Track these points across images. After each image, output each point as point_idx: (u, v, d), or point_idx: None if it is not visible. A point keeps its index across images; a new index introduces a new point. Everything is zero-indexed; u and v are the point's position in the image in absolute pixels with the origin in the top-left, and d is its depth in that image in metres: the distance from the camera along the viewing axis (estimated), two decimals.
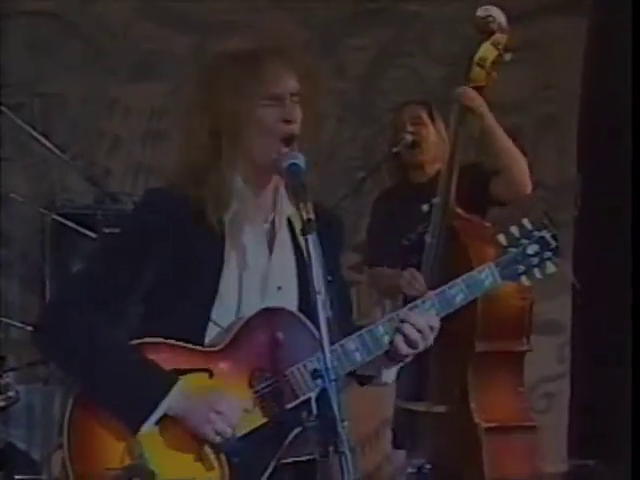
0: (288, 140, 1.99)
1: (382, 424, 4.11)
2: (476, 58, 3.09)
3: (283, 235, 2.06)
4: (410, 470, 3.10)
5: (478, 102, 3.13)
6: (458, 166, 3.14)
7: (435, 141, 3.39)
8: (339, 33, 4.90)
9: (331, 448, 1.80)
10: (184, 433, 1.92)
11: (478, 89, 3.12)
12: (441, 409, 3.08)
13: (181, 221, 1.96)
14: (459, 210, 3.18)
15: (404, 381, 3.29)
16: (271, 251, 2.05)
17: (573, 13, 4.97)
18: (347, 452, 1.79)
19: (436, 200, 3.15)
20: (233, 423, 1.92)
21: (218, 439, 1.92)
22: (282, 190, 2.06)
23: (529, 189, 3.23)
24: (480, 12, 3.11)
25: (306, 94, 2.00)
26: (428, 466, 3.05)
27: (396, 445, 3.36)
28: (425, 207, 3.20)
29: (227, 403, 1.92)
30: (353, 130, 4.91)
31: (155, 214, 1.97)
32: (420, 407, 3.12)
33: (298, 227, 1.97)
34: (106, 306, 1.95)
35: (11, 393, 3.34)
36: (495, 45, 3.08)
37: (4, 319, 3.61)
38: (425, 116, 3.42)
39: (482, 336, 3.06)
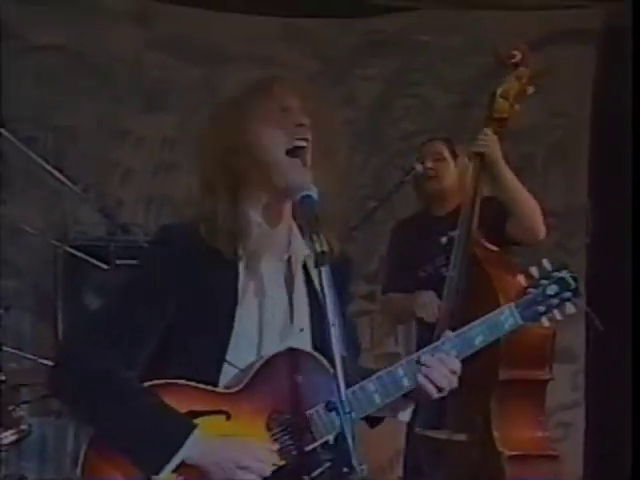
0: (296, 148, 1.97)
1: (396, 455, 4.08)
2: (500, 91, 3.17)
3: (299, 276, 2.04)
4: None
5: (491, 148, 3.17)
6: (479, 201, 3.18)
7: (454, 177, 3.43)
8: (348, 63, 4.93)
9: None
10: (202, 479, 1.89)
11: (502, 120, 3.18)
12: (462, 437, 3.07)
13: (196, 258, 1.95)
14: (483, 241, 3.20)
15: (423, 408, 3.28)
16: (291, 291, 2.03)
17: (582, 41, 4.99)
18: None
19: (457, 232, 3.17)
20: (262, 473, 1.89)
21: None
22: (295, 230, 2.05)
23: (542, 235, 3.26)
24: (503, 46, 3.19)
25: (318, 127, 2.00)
26: None
27: (405, 476, 3.33)
28: (444, 239, 3.24)
29: (252, 455, 1.89)
30: (364, 159, 4.92)
31: (170, 252, 1.96)
32: (441, 435, 3.11)
33: (311, 260, 1.96)
34: (122, 347, 1.93)
35: (24, 426, 3.33)
36: (518, 79, 3.16)
37: (16, 351, 3.60)
38: (446, 152, 3.48)
39: (506, 364, 3.05)
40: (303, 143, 1.98)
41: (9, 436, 3.29)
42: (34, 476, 4.02)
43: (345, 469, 1.78)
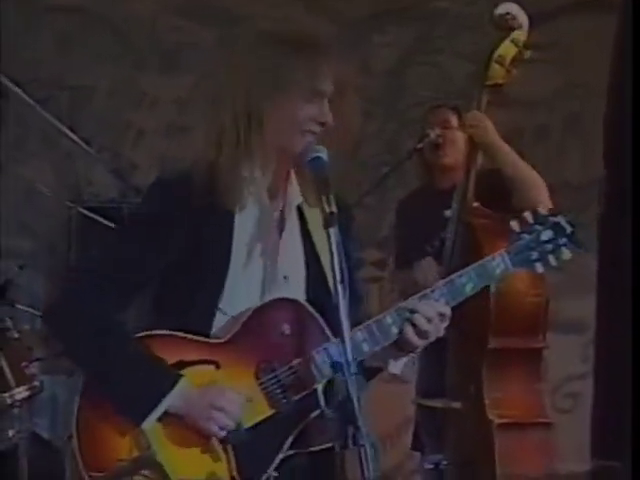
0: (312, 138, 1.98)
1: (403, 422, 4.10)
2: (495, 56, 3.06)
3: (291, 224, 2.05)
4: (427, 466, 3.10)
5: (480, 131, 3.09)
6: (476, 172, 3.12)
7: (462, 147, 3.35)
8: (365, 30, 4.89)
9: (350, 441, 1.80)
10: (187, 428, 1.93)
11: (496, 87, 3.10)
12: (457, 405, 3.07)
13: (191, 208, 1.96)
14: (476, 204, 3.15)
15: (423, 378, 3.30)
16: (279, 240, 2.04)
17: (600, 10, 4.93)
18: (367, 445, 1.79)
19: (453, 205, 3.13)
20: (236, 417, 1.92)
21: (223, 433, 1.92)
22: (293, 180, 2.06)
23: (549, 206, 3.19)
24: (499, 9, 3.07)
25: (341, 100, 2.00)
26: (445, 462, 3.05)
27: (414, 446, 3.35)
28: (448, 213, 3.19)
29: (227, 398, 1.92)
30: (378, 125, 4.90)
31: (164, 202, 1.97)
32: (437, 403, 3.12)
33: (313, 219, 1.97)
34: (116, 294, 1.96)
35: (36, 383, 3.37)
36: (514, 42, 3.06)
37: (30, 310, 3.63)
38: (454, 120, 3.39)
39: (496, 332, 3.04)
40: (320, 130, 1.98)
41: (22, 392, 3.33)
42: (45, 433, 4.07)
43: (351, 429, 1.79)
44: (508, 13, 3.05)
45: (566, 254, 2.08)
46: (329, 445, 1.93)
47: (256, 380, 1.96)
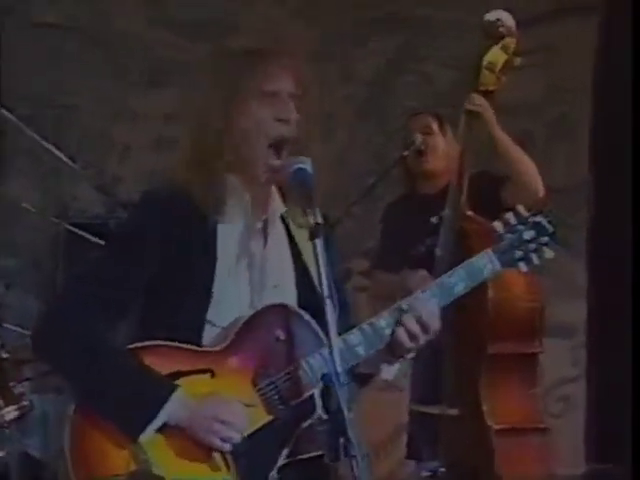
0: (280, 142, 1.98)
1: (397, 430, 4.09)
2: (485, 62, 3.09)
3: (277, 233, 2.06)
4: (424, 473, 3.09)
5: (484, 108, 3.12)
6: (468, 177, 3.13)
7: (444, 152, 3.37)
8: (349, 39, 4.90)
9: (342, 452, 1.79)
10: (189, 440, 1.91)
11: (487, 93, 3.12)
12: (454, 412, 3.07)
13: (176, 221, 1.96)
14: (470, 213, 3.17)
15: (419, 384, 3.30)
16: (264, 249, 2.04)
17: (584, 16, 4.95)
18: (358, 456, 1.78)
19: (446, 212, 3.14)
20: (241, 429, 1.92)
21: (227, 447, 1.91)
22: (274, 191, 2.06)
23: (541, 193, 3.21)
24: (489, 16, 3.09)
25: (305, 95, 2.00)
26: (442, 469, 3.04)
27: (409, 455, 3.34)
28: (434, 219, 3.20)
29: (230, 410, 1.91)
30: (364, 135, 4.90)
31: (151, 215, 1.97)
32: (434, 410, 3.11)
33: (299, 231, 1.98)
34: (104, 308, 1.95)
35: (25, 402, 3.35)
36: (504, 49, 3.08)
37: (18, 328, 3.61)
38: (435, 126, 3.41)
39: (494, 338, 3.04)
40: (283, 139, 1.97)
41: (11, 412, 3.31)
42: (36, 452, 4.04)
43: (342, 440, 1.79)
44: (498, 19, 3.08)
45: (548, 253, 2.11)
46: (319, 453, 1.93)
47: (253, 387, 1.96)
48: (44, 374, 3.56)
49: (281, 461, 1.94)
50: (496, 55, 3.08)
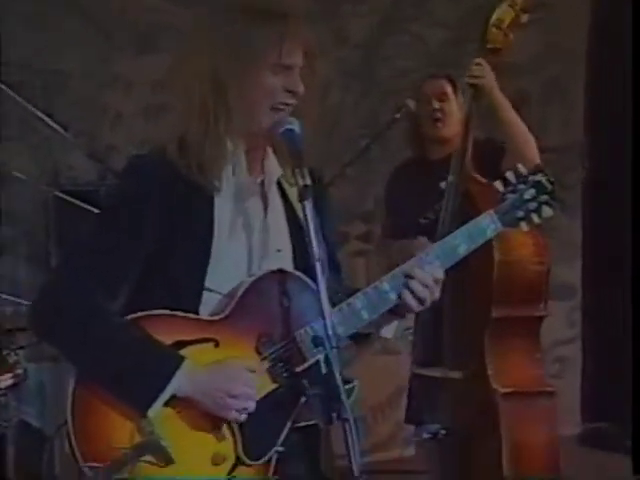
0: (282, 107, 1.95)
1: (396, 392, 4.10)
2: (493, 20, 3.06)
3: (273, 197, 2.03)
4: (425, 436, 3.09)
5: (486, 79, 3.10)
6: (471, 142, 3.12)
7: (457, 118, 3.32)
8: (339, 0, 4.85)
9: (334, 415, 1.77)
10: (194, 409, 1.89)
11: (495, 51, 3.10)
12: (457, 375, 3.06)
13: (170, 185, 1.92)
14: (475, 174, 3.13)
15: (420, 347, 3.29)
16: (265, 213, 2.02)
17: None
18: (351, 419, 1.77)
19: (450, 176, 3.11)
20: (253, 396, 1.89)
21: (243, 417, 1.89)
22: (269, 152, 2.03)
23: (537, 162, 3.18)
24: None
25: (309, 67, 1.97)
26: (443, 432, 3.05)
27: (408, 419, 3.35)
28: (443, 184, 3.16)
29: (241, 382, 1.88)
30: (356, 98, 4.86)
31: (141, 181, 1.93)
32: (435, 373, 3.11)
33: (293, 192, 1.95)
34: (103, 279, 1.91)
35: (19, 371, 3.34)
36: (512, 6, 3.06)
37: (10, 297, 3.60)
38: (450, 91, 3.36)
39: (499, 302, 3.02)
40: (291, 101, 1.95)
41: (6, 380, 3.30)
42: (34, 421, 4.05)
43: (335, 404, 1.77)
44: None
45: (547, 212, 2.11)
46: (314, 422, 1.92)
47: (258, 355, 1.93)
48: (39, 342, 3.55)
49: (287, 429, 1.93)
50: (503, 12, 3.06)
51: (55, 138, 4.22)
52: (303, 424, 1.95)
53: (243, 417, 1.88)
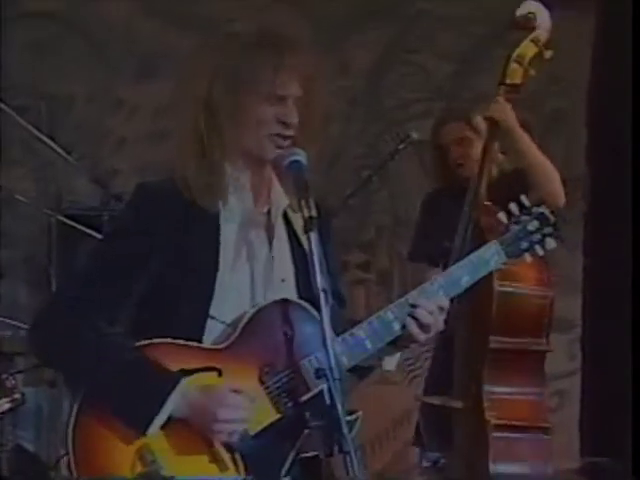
0: (281, 140, 1.96)
1: (397, 419, 4.09)
2: (514, 55, 3.05)
3: (279, 227, 2.03)
4: (425, 464, 3.09)
5: (504, 117, 3.09)
6: (487, 175, 3.11)
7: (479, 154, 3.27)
8: (345, 29, 4.87)
9: (336, 447, 1.77)
10: (194, 435, 1.88)
11: (514, 87, 3.08)
12: (457, 404, 3.05)
13: (175, 213, 1.93)
14: (487, 203, 3.11)
15: (429, 375, 3.30)
16: (271, 243, 2.02)
17: (582, 9, 4.93)
18: (352, 452, 1.76)
19: (465, 208, 3.12)
20: (243, 418, 1.88)
21: (234, 439, 1.88)
22: (276, 182, 2.04)
23: (562, 200, 3.16)
24: (521, 10, 3.06)
25: (309, 96, 1.97)
26: (443, 460, 3.03)
27: (415, 442, 3.34)
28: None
29: (230, 406, 1.87)
30: (359, 128, 4.88)
31: (148, 209, 1.94)
32: (437, 401, 3.11)
33: (298, 223, 1.95)
34: (105, 306, 1.91)
35: (17, 395, 3.33)
36: (535, 42, 3.05)
37: (10, 320, 3.59)
38: (469, 134, 3.34)
39: (498, 332, 3.02)
40: (286, 132, 1.95)
41: (3, 404, 3.29)
42: (30, 445, 4.03)
43: (336, 436, 1.77)
44: (530, 12, 3.04)
45: (551, 243, 2.12)
46: (316, 453, 1.91)
47: (261, 385, 1.93)
48: (37, 366, 3.54)
49: (291, 459, 1.92)
50: (526, 48, 3.05)
51: (58, 162, 4.23)
52: (304, 455, 1.94)
53: (234, 439, 1.87)
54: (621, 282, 4.54)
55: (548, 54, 3.05)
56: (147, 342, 1.91)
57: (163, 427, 1.88)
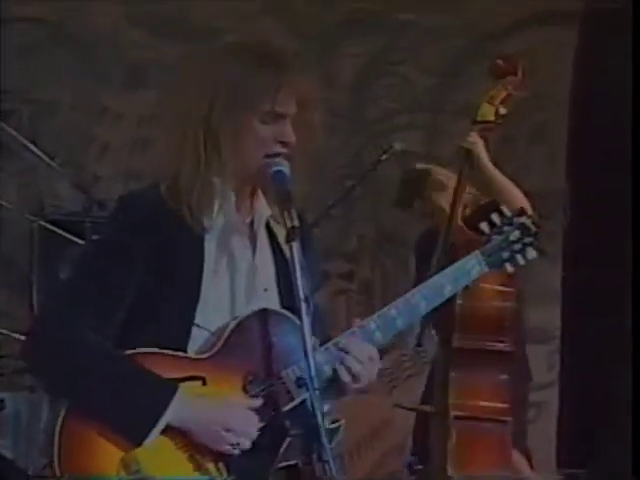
0: (275, 157, 1.97)
1: (376, 427, 4.10)
2: (486, 97, 3.29)
3: (262, 237, 2.04)
4: (404, 467, 3.14)
5: (475, 146, 3.29)
6: (461, 201, 3.28)
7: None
8: (329, 41, 4.90)
9: (315, 456, 1.78)
10: (182, 442, 1.89)
11: (486, 123, 3.30)
12: (428, 408, 3.16)
13: (159, 223, 1.94)
14: (460, 224, 3.24)
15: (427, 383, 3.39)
16: (254, 252, 2.03)
17: (564, 23, 4.99)
18: (330, 460, 1.77)
19: (439, 242, 3.23)
20: (249, 436, 1.89)
21: (236, 451, 1.89)
22: (259, 192, 2.04)
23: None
24: (499, 61, 3.34)
25: (304, 114, 1.98)
26: (419, 466, 3.08)
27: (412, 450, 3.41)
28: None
29: (241, 419, 1.89)
30: (342, 139, 4.91)
31: (133, 218, 1.95)
32: (412, 406, 3.23)
33: (281, 233, 1.96)
34: (93, 315, 1.92)
35: None
36: (505, 86, 3.30)
37: None
38: (451, 182, 3.46)
39: (459, 332, 3.11)
40: (283, 150, 1.96)
41: None
42: (8, 452, 4.00)
43: (315, 445, 1.78)
44: (505, 60, 3.32)
45: (532, 253, 2.13)
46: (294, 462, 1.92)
47: (245, 393, 1.94)
48: (16, 371, 3.52)
49: (274, 468, 1.92)
50: (498, 91, 3.30)
51: (41, 167, 4.23)
52: (284, 464, 1.95)
53: (236, 452, 1.88)
54: (601, 294, 4.59)
55: (518, 94, 3.29)
56: (132, 352, 1.92)
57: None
